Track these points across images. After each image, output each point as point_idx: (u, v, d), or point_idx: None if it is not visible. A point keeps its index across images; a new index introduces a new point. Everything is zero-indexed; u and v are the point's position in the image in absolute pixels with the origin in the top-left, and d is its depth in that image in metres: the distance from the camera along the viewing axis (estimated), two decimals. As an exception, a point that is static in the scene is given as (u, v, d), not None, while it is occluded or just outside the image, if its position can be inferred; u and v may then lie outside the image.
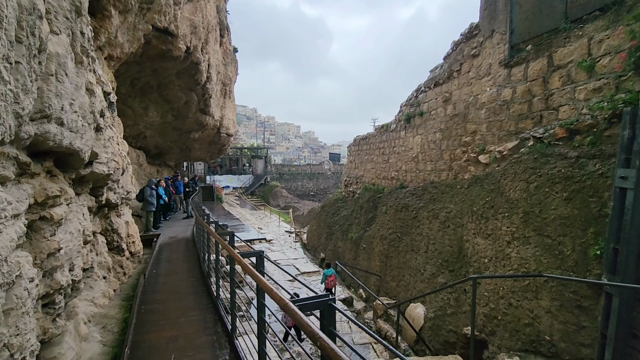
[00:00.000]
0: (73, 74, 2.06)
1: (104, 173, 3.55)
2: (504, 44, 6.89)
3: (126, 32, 8.18)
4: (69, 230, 2.43)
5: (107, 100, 3.45)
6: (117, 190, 5.48)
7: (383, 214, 11.60)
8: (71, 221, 2.58)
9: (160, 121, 14.09)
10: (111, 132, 3.65)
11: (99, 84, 3.16)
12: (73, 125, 2.17)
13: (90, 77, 2.67)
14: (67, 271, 2.38)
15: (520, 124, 6.41)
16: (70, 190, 2.49)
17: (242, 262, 2.49)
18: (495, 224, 5.77)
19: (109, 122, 3.49)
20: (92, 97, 2.67)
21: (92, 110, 2.67)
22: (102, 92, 3.23)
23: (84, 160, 2.74)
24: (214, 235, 3.46)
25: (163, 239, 9.89)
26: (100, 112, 3.03)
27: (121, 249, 6.41)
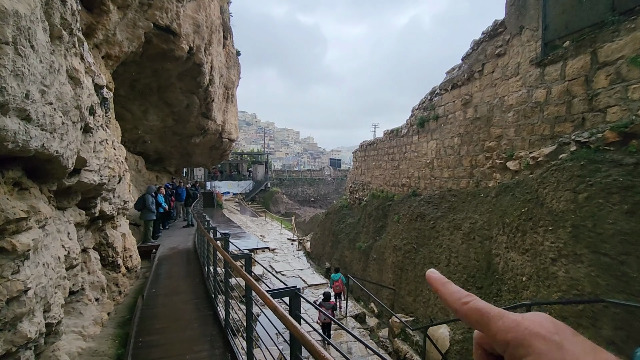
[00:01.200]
0: (46, 50, 1.51)
1: (94, 183, 2.96)
2: (536, 41, 6.35)
3: (125, 29, 7.63)
4: (42, 262, 1.85)
5: (99, 95, 2.90)
6: (112, 200, 4.88)
7: (395, 222, 10.99)
8: (47, 248, 1.99)
9: (160, 125, 13.52)
10: (104, 133, 3.08)
11: (89, 74, 2.60)
12: (47, 121, 1.60)
13: (76, 62, 2.11)
14: (39, 316, 1.79)
15: (557, 127, 5.85)
16: (45, 209, 1.91)
17: (276, 309, 1.94)
18: (535, 239, 5.17)
19: (101, 121, 2.93)
20: (77, 88, 2.10)
21: (78, 105, 2.10)
22: (92, 84, 2.66)
23: (67, 168, 2.17)
24: (230, 261, 2.93)
25: (163, 250, 9.26)
26: (89, 109, 2.46)
27: (117, 265, 5.79)
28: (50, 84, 1.57)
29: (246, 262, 3.37)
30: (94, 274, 4.80)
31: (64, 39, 1.76)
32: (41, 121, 1.54)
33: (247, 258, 3.38)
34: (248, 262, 3.39)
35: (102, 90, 2.94)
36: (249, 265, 3.40)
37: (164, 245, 9.72)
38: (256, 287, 2.00)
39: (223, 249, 3.70)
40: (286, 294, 2.22)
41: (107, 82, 7.70)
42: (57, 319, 2.06)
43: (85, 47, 2.46)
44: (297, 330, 1.38)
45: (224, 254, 3.07)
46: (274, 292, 2.13)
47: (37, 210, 1.82)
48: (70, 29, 1.85)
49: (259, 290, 1.91)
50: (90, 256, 4.79)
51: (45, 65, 1.51)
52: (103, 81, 2.93)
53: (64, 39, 1.75)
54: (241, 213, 33.79)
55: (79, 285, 4.16)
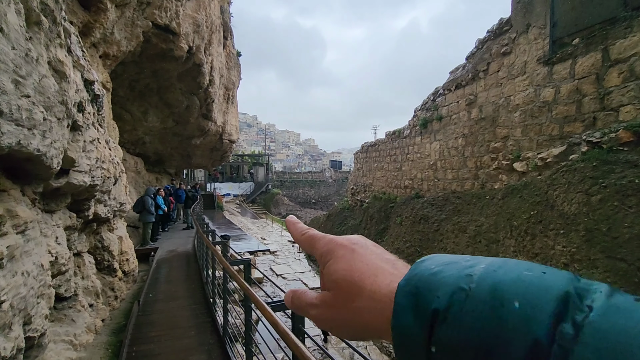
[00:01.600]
0: (20, 36, 1.35)
1: (85, 184, 2.80)
2: (543, 39, 6.19)
3: (124, 28, 7.49)
4: (22, 270, 1.68)
5: (89, 92, 2.73)
6: (107, 202, 4.72)
7: (397, 225, 10.81)
8: (29, 254, 1.83)
9: (160, 126, 13.37)
10: (95, 132, 2.92)
11: (77, 68, 2.43)
12: (23, 116, 1.44)
13: (61, 54, 1.95)
14: (17, 330, 1.63)
15: (566, 127, 5.68)
16: (25, 212, 1.75)
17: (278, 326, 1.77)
18: (546, 242, 4.99)
19: (92, 119, 2.77)
20: (63, 82, 1.94)
21: (64, 101, 1.94)
22: (81, 79, 2.50)
23: (52, 169, 2.00)
24: (228, 268, 2.73)
25: (161, 253, 9.09)
26: (77, 105, 2.29)
27: (113, 269, 5.62)
28: (26, 74, 1.41)
29: (245, 269, 3.17)
30: (88, 279, 4.63)
31: (44, 26, 1.60)
32: (15, 115, 1.38)
33: (246, 264, 3.16)
34: (247, 269, 3.17)
35: (93, 86, 2.78)
36: (249, 271, 3.19)
37: (163, 248, 9.55)
38: (255, 299, 1.82)
39: (222, 254, 3.52)
40: (285, 307, 2.00)
41: (104, 81, 7.56)
42: (39, 331, 1.89)
43: (73, 40, 2.30)
44: (302, 352, 1.21)
45: (222, 260, 2.88)
46: (275, 305, 1.93)
47: (15, 214, 1.65)
48: (52, 16, 1.69)
49: (259, 302, 1.72)
50: (84, 260, 4.62)
51: (20, 52, 1.35)
52: (94, 76, 2.77)
53: (43, 26, 1.59)
54: (242, 215, 33.62)
55: (72, 291, 3.99)
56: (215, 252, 3.26)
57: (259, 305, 1.71)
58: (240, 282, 2.26)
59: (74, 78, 2.22)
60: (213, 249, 3.65)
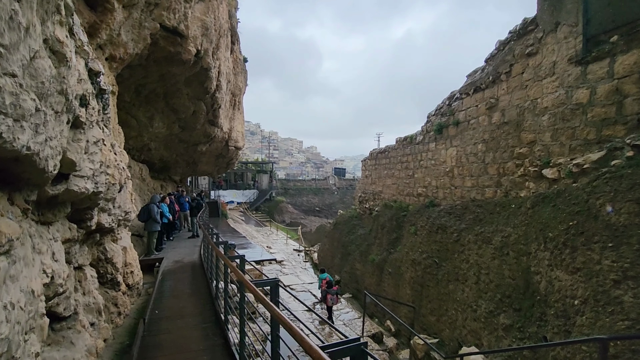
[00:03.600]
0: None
1: (87, 191, 2.43)
2: (575, 38, 5.82)
3: (131, 29, 7.21)
4: (5, 302, 1.31)
5: (94, 84, 2.39)
6: (112, 211, 4.35)
7: (412, 234, 10.36)
8: (15, 280, 1.45)
9: (166, 132, 13.09)
10: (100, 132, 2.56)
11: (80, 55, 2.09)
12: (6, 100, 1.08)
13: (61, 33, 1.59)
14: (-6, 382, 1.27)
15: (605, 130, 5.27)
16: (10, 227, 1.38)
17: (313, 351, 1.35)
18: (589, 256, 4.55)
19: (96, 117, 2.41)
20: (62, 67, 1.59)
21: (63, 90, 1.59)
22: (85, 67, 2.15)
23: (48, 172, 1.64)
24: (257, 294, 2.29)
25: (167, 263, 8.69)
26: (79, 98, 1.95)
27: (116, 283, 5.23)
28: (11, 44, 1.06)
29: (272, 291, 2.71)
30: (90, 295, 4.23)
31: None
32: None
33: (273, 286, 2.69)
34: (275, 291, 2.69)
35: (99, 78, 2.43)
36: (276, 293, 2.72)
37: (168, 258, 9.15)
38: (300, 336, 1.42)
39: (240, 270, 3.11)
40: (349, 353, 1.55)
41: (110, 83, 7.25)
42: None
43: (76, 20, 1.96)
44: None
45: (249, 286, 2.42)
46: (334, 350, 1.49)
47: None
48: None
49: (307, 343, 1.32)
50: (85, 274, 4.24)
51: (1, 13, 1.00)
52: (99, 67, 2.42)
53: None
54: (246, 223, 33.23)
55: (71, 310, 3.60)
56: (239, 274, 2.82)
57: (307, 346, 1.31)
58: (271, 307, 1.86)
59: (77, 65, 1.87)
60: (232, 267, 3.20)
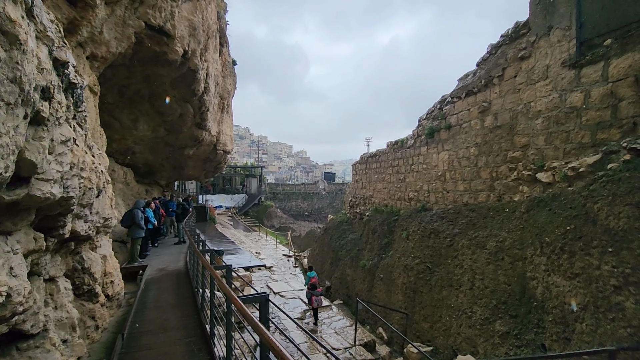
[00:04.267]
0: None
1: (54, 197, 2.16)
2: (568, 41, 5.79)
3: (114, 27, 6.91)
4: None
5: (62, 76, 2.13)
6: (88, 217, 4.04)
7: (403, 239, 10.21)
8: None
9: (151, 135, 12.68)
10: (70, 131, 2.29)
11: (43, 41, 1.84)
12: None
13: (13, 11, 1.36)
14: None
15: (600, 134, 5.22)
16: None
17: None
18: (588, 261, 4.44)
19: (64, 113, 2.15)
20: (14, 50, 1.35)
21: (17, 78, 1.35)
22: (48, 56, 1.90)
23: (0, 175, 1.39)
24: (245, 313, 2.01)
25: (151, 271, 8.31)
26: (41, 90, 1.70)
27: (94, 294, 4.89)
28: None
29: (261, 308, 2.41)
30: (63, 309, 3.91)
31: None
32: None
33: (262, 302, 2.39)
34: (265, 308, 2.38)
35: (67, 70, 2.17)
36: (266, 310, 2.42)
37: (152, 266, 8.77)
38: None
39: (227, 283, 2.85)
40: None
41: (91, 84, 6.91)
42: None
43: (38, 2, 1.71)
44: None
45: (237, 303, 2.16)
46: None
47: None
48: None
49: None
50: (58, 286, 3.92)
51: None
52: (67, 56, 2.17)
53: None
54: (234, 227, 32.73)
55: (40, 326, 3.29)
56: (224, 286, 2.55)
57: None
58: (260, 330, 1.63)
59: (37, 51, 1.62)
60: (219, 280, 2.91)
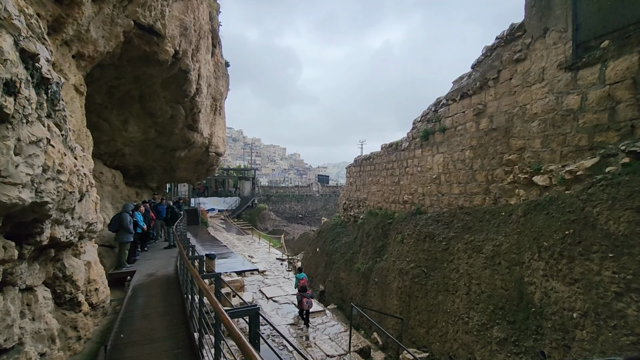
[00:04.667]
0: None
1: (23, 202, 1.98)
2: (565, 43, 5.74)
3: (102, 26, 6.69)
4: None
5: (32, 70, 1.95)
6: (70, 222, 3.83)
7: (398, 243, 10.10)
8: None
9: (141, 137, 12.42)
10: (43, 130, 2.10)
11: (8, 29, 1.67)
12: None
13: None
14: None
15: (597, 136, 5.16)
16: None
17: None
18: (588, 267, 4.35)
19: (35, 111, 1.97)
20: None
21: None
22: (13, 46, 1.72)
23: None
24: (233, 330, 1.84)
25: (139, 277, 8.06)
26: (4, 84, 1.54)
27: (77, 303, 4.66)
28: None
29: (251, 323, 2.22)
30: (41, 320, 3.69)
31: None
32: None
33: (252, 315, 2.21)
34: (255, 322, 2.19)
35: (38, 63, 1.98)
36: (256, 325, 2.22)
37: (141, 271, 8.52)
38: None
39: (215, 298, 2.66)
40: None
41: (77, 83, 6.67)
42: None
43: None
44: None
45: (224, 319, 1.99)
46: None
47: None
48: None
49: None
50: (36, 296, 3.70)
51: None
52: (38, 49, 1.98)
53: None
54: (227, 231, 32.39)
55: (15, 340, 3.08)
56: (212, 299, 2.35)
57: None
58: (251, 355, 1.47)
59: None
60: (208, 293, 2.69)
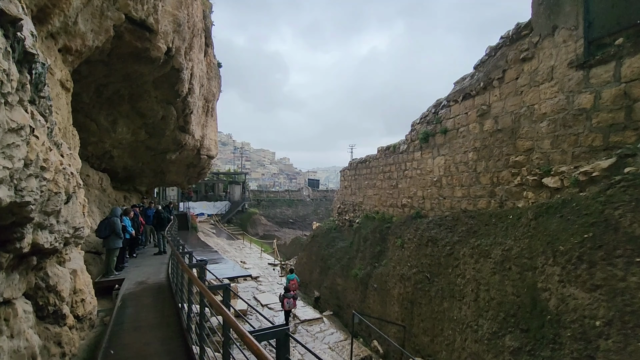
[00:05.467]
0: None
1: (0, 202, 1.63)
2: (575, 41, 5.60)
3: (90, 18, 6.29)
4: None
5: (12, 40, 1.62)
6: (55, 227, 3.44)
7: (398, 248, 9.84)
8: None
9: (131, 139, 11.93)
10: (25, 117, 1.75)
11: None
12: None
13: None
14: None
15: (613, 136, 5.00)
16: None
17: None
18: (611, 272, 4.14)
19: (16, 92, 1.64)
20: None
21: None
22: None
23: None
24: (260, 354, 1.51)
25: (128, 285, 7.60)
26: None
27: (61, 316, 4.24)
28: None
29: (279, 347, 1.83)
30: (20, 337, 3.28)
31: None
32: None
33: (281, 336, 1.83)
34: (284, 347, 1.81)
35: (20, 32, 1.65)
36: (286, 349, 1.85)
37: (130, 279, 8.04)
38: None
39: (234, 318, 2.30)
40: None
41: (63, 79, 6.25)
42: None
43: None
44: None
45: (249, 341, 1.66)
46: None
47: None
48: None
49: None
50: (15, 310, 3.29)
51: None
52: (20, 13, 1.65)
53: None
54: (217, 236, 31.75)
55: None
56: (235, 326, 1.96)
57: None
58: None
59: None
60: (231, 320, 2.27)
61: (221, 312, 2.41)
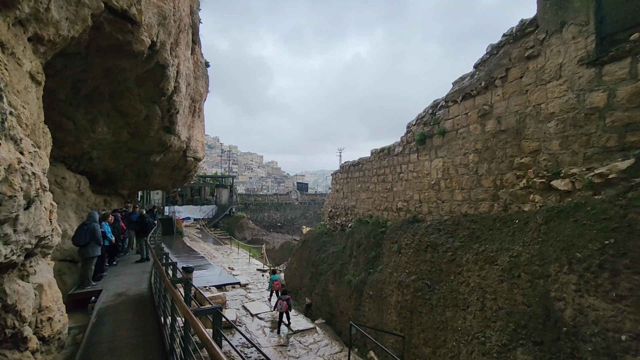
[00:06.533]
0: None
1: None
2: (586, 37, 5.34)
3: (65, 5, 5.68)
4: None
5: None
6: (11, 237, 2.90)
7: (395, 253, 9.47)
8: None
9: (112, 139, 11.22)
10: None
11: None
12: None
13: None
14: None
15: (629, 136, 4.73)
16: None
17: None
18: (637, 281, 3.83)
19: None
20: None
21: None
22: None
23: None
24: None
25: (106, 297, 6.97)
26: None
27: (22, 339, 3.66)
28: None
29: None
30: (-34, 371, 2.72)
31: None
32: None
33: None
34: None
35: None
36: None
37: (109, 290, 7.41)
38: None
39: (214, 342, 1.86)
40: None
41: (33, 71, 5.65)
42: None
43: None
44: None
45: None
46: None
47: None
48: None
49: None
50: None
51: None
52: None
53: None
54: (203, 241, 30.90)
55: None
56: None
57: None
58: None
59: None
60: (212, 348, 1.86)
61: (213, 354, 1.92)
